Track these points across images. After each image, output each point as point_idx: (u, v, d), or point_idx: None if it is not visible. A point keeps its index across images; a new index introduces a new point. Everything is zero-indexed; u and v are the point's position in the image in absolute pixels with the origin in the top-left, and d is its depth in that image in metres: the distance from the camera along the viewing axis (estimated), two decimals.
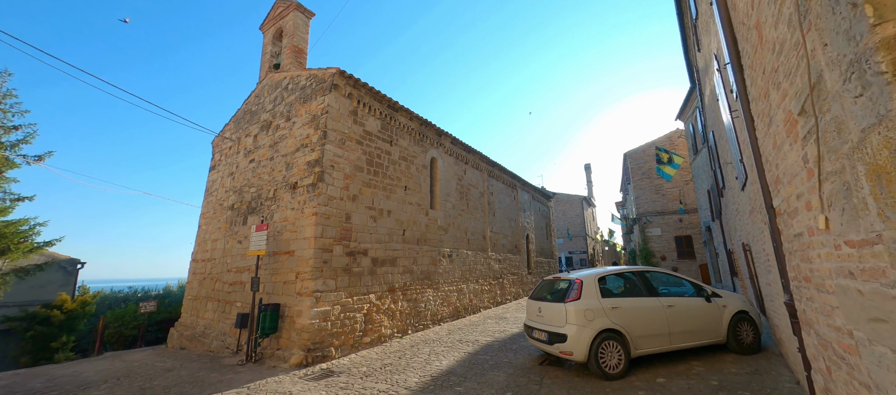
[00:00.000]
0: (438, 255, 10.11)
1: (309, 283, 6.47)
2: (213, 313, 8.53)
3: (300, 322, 6.33)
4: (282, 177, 7.90)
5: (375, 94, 8.54)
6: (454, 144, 11.76)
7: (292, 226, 7.19)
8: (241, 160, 9.51)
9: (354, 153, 7.90)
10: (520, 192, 17.01)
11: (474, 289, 11.73)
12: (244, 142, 9.67)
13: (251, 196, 8.67)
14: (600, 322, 4.86)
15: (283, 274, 7.02)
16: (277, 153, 8.32)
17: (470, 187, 12.51)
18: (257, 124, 9.38)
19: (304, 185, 7.24)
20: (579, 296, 5.06)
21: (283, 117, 8.53)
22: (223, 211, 9.51)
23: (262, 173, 8.59)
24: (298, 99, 8.26)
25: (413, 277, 8.98)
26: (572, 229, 37.59)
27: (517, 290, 15.10)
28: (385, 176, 8.64)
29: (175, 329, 9.39)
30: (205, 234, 9.95)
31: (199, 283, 9.46)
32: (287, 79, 8.96)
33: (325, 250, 6.79)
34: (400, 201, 8.96)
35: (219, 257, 9.06)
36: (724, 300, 5.57)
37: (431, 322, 9.34)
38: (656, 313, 5.14)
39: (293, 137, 8.00)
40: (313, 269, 6.52)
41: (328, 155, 7.22)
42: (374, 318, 7.55)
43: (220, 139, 10.77)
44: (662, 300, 5.26)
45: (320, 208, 6.86)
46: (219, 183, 10.15)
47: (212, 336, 8.09)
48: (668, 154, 12.11)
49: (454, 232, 11.07)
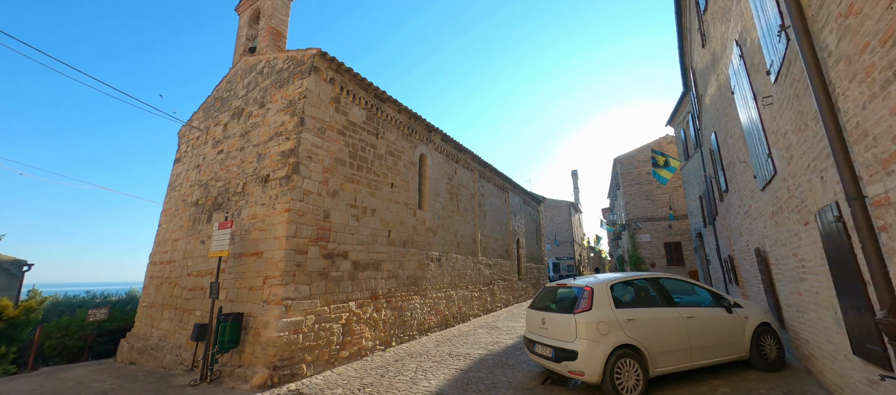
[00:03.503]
0: (426, 259, 9.36)
1: (278, 289, 5.61)
2: (170, 322, 7.51)
3: (266, 335, 5.45)
4: (252, 169, 7.03)
5: (360, 81, 7.79)
6: (445, 142, 11.08)
7: (262, 224, 6.32)
8: (209, 151, 8.56)
9: (336, 145, 7.10)
10: (511, 195, 16.45)
11: (464, 296, 11.01)
12: (213, 131, 8.73)
13: (218, 191, 7.74)
14: (615, 337, 4.22)
15: (250, 279, 6.13)
16: (248, 143, 7.44)
17: (460, 188, 11.83)
18: (228, 112, 8.47)
19: (276, 177, 6.40)
20: (590, 306, 4.41)
21: (257, 104, 7.67)
22: (186, 208, 8.52)
23: (230, 165, 7.68)
24: (274, 84, 7.43)
25: (398, 282, 8.19)
26: (560, 235, 37.39)
27: (507, 297, 14.45)
28: (369, 171, 7.86)
29: (126, 341, 8.29)
30: (165, 233, 8.91)
31: (155, 288, 8.41)
32: (262, 62, 8.10)
33: (298, 252, 5.96)
34: (385, 199, 8.19)
35: (179, 258, 8.06)
36: (746, 311, 5.03)
37: (418, 332, 8.55)
38: (676, 326, 4.54)
39: (267, 125, 7.15)
40: (284, 273, 5.67)
41: (305, 144, 6.41)
42: (353, 329, 6.72)
43: (188, 129, 9.77)
44: (681, 311, 4.67)
45: (294, 204, 6.03)
46: (183, 177, 9.15)
47: (166, 350, 7.07)
48: (665, 157, 11.76)
49: (443, 235, 10.35)
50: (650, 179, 20.86)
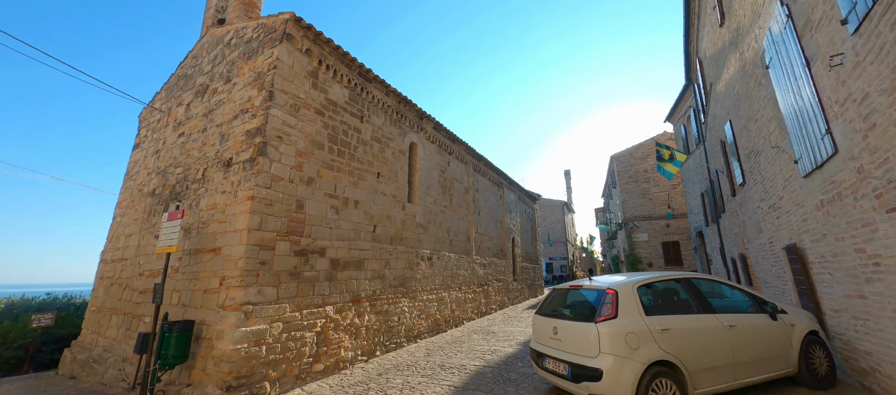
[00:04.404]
0: (416, 257, 8.47)
1: (236, 292, 4.67)
2: (118, 330, 6.48)
3: (220, 348, 4.51)
4: (214, 152, 6.06)
5: (343, 55, 6.88)
6: (437, 131, 10.21)
7: (221, 215, 5.37)
8: (169, 135, 7.54)
9: (312, 125, 6.18)
10: (506, 191, 15.66)
11: (457, 298, 10.15)
12: (175, 112, 7.71)
13: (176, 178, 6.73)
14: (649, 351, 3.41)
15: (205, 280, 5.17)
16: (211, 123, 6.46)
17: (454, 181, 10.98)
18: (191, 90, 7.46)
19: (240, 161, 5.45)
20: (615, 313, 3.59)
21: (223, 79, 6.69)
22: (142, 198, 7.47)
23: (191, 149, 6.69)
24: (242, 55, 6.46)
25: (385, 283, 7.29)
26: (553, 234, 36.85)
27: (502, 298, 13.65)
28: (353, 158, 6.95)
29: (69, 351, 7.21)
30: (119, 227, 7.84)
31: (105, 290, 7.35)
32: (231, 33, 7.12)
33: (263, 248, 5.02)
34: (371, 190, 7.29)
35: (131, 256, 7.02)
36: (791, 317, 4.29)
37: (406, 339, 7.66)
38: (717, 337, 3.76)
39: (232, 101, 6.18)
40: (244, 273, 4.73)
41: (274, 122, 5.48)
42: (330, 337, 5.80)
43: (149, 111, 8.71)
44: (721, 318, 3.89)
45: (259, 191, 5.09)
46: (141, 164, 8.09)
47: (110, 362, 6.05)
48: (670, 150, 11.12)
49: (435, 231, 9.48)
50: (648, 178, 20.34)
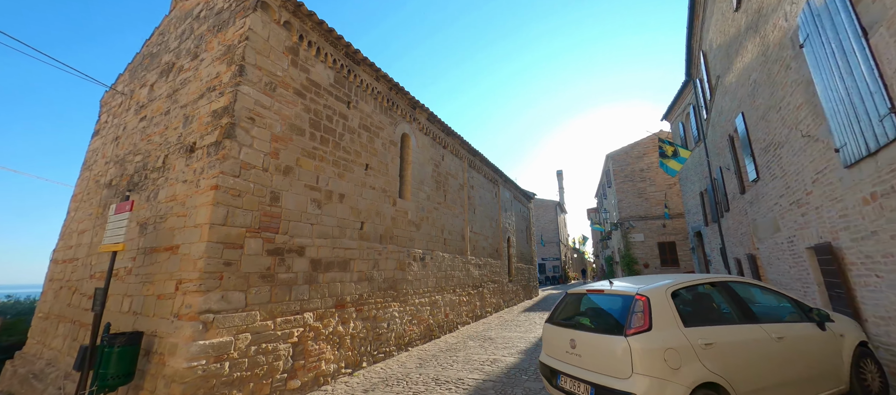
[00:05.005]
0: (408, 257, 7.79)
1: (194, 298, 3.93)
2: (64, 340, 5.65)
3: (173, 365, 3.76)
4: (177, 136, 5.29)
5: (327, 32, 6.17)
6: (431, 122, 9.55)
7: (181, 208, 4.61)
8: (131, 119, 6.71)
9: (291, 108, 5.46)
10: (501, 189, 15.08)
11: (451, 301, 9.50)
12: (138, 95, 6.88)
13: (135, 167, 5.93)
14: (693, 371, 2.81)
15: (160, 284, 4.41)
16: (175, 105, 5.68)
17: (448, 177, 10.33)
18: (156, 70, 6.65)
19: (204, 145, 4.70)
20: (649, 324, 2.99)
21: (190, 56, 5.92)
22: (98, 190, 6.63)
23: (152, 134, 5.89)
24: (212, 28, 5.70)
25: (373, 286, 6.60)
26: (546, 235, 36.51)
27: (498, 300, 13.05)
28: (338, 147, 6.24)
29: (12, 363, 6.33)
30: (72, 223, 6.98)
31: (54, 294, 6.48)
32: (200, 4, 6.35)
33: (229, 246, 4.29)
34: (358, 182, 6.59)
35: (82, 256, 6.18)
36: (839, 326, 3.75)
37: (396, 348, 6.97)
38: (765, 352, 3.18)
39: (199, 79, 5.42)
40: (204, 275, 3.99)
41: (245, 101, 4.74)
42: (309, 348, 5.09)
43: (111, 95, 7.85)
44: (767, 329, 3.32)
45: (225, 180, 4.36)
46: (100, 152, 7.23)
47: (51, 378, 5.22)
48: (674, 146, 10.66)
49: (428, 229, 8.81)
50: (644, 177, 20.02)
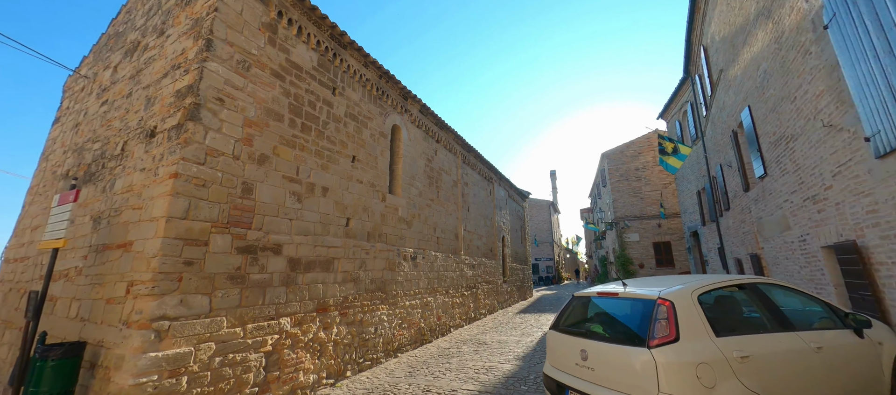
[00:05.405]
0: (398, 257, 7.30)
1: (146, 302, 3.38)
2: (9, 349, 5.03)
3: (118, 382, 3.22)
4: (137, 120, 4.72)
5: (311, 10, 5.65)
6: (424, 114, 9.07)
7: (138, 199, 4.05)
8: (93, 104, 6.10)
9: (268, 91, 4.93)
10: (496, 186, 14.65)
11: (443, 303, 9.02)
12: (101, 77, 6.27)
13: (93, 156, 5.33)
14: (730, 391, 2.38)
15: (110, 286, 3.85)
16: (138, 86, 5.10)
17: (441, 172, 9.86)
18: (121, 50, 6.05)
19: (165, 128, 4.15)
20: (675, 333, 2.55)
21: (156, 33, 5.34)
22: (55, 182, 6.01)
23: (113, 119, 5.30)
24: (180, 2, 5.13)
25: (359, 288, 6.09)
26: (539, 235, 36.28)
27: (492, 302, 12.61)
28: (321, 136, 5.73)
29: None
30: (26, 218, 6.33)
31: (3, 297, 5.83)
32: None
33: (191, 242, 3.75)
34: (344, 175, 6.08)
35: (34, 254, 5.56)
36: (877, 332, 3.37)
37: (384, 354, 6.47)
38: (805, 364, 2.77)
39: (164, 57, 4.86)
40: (159, 276, 3.45)
41: (212, 80, 4.20)
42: (285, 358, 4.56)
43: (75, 79, 7.20)
44: (804, 337, 2.92)
45: (187, 167, 3.82)
46: (59, 141, 6.60)
47: None
48: (674, 143, 10.35)
49: (420, 227, 8.33)
50: (639, 176, 19.81)
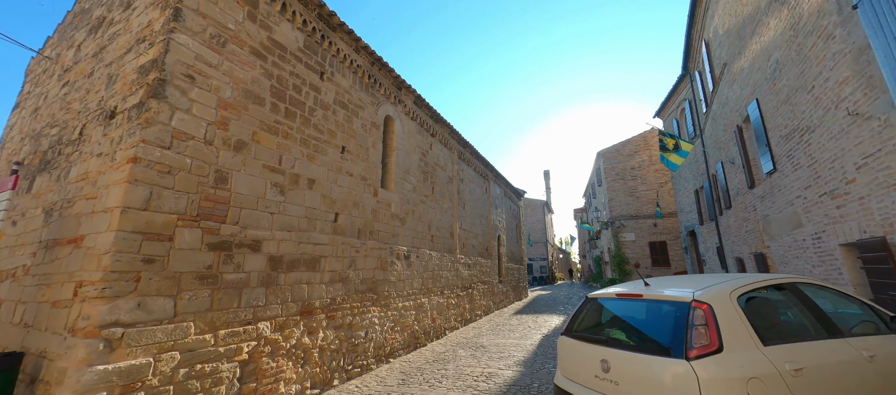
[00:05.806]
0: (391, 255, 6.85)
1: (94, 306, 2.90)
2: None
3: None
4: (97, 100, 4.20)
5: None
6: (418, 106, 8.63)
7: (92, 187, 3.55)
8: (53, 86, 5.54)
9: (247, 71, 4.45)
10: (492, 184, 14.28)
11: (438, 303, 8.60)
12: (64, 57, 5.71)
13: (50, 142, 4.79)
14: None
15: (57, 287, 3.34)
16: (101, 64, 4.57)
17: (436, 168, 9.43)
18: (87, 27, 5.49)
19: (126, 108, 3.65)
20: (718, 342, 2.17)
21: (121, 7, 4.81)
22: (10, 171, 5.42)
23: (72, 102, 4.77)
24: None
25: (348, 288, 5.63)
26: (534, 234, 36.07)
27: (488, 303, 12.22)
28: (307, 123, 5.26)
29: None
30: None
31: None
32: None
33: (151, 237, 3.26)
34: (332, 167, 5.62)
35: None
36: None
37: (375, 360, 6.02)
38: (861, 376, 2.41)
39: (129, 31, 4.34)
40: (111, 275, 2.96)
41: (181, 54, 3.72)
42: (264, 367, 4.09)
43: (38, 61, 6.60)
44: (853, 344, 2.56)
45: (148, 151, 3.33)
46: (17, 128, 6.01)
47: None
48: (675, 139, 10.09)
49: (414, 224, 7.89)
50: (635, 175, 19.63)
